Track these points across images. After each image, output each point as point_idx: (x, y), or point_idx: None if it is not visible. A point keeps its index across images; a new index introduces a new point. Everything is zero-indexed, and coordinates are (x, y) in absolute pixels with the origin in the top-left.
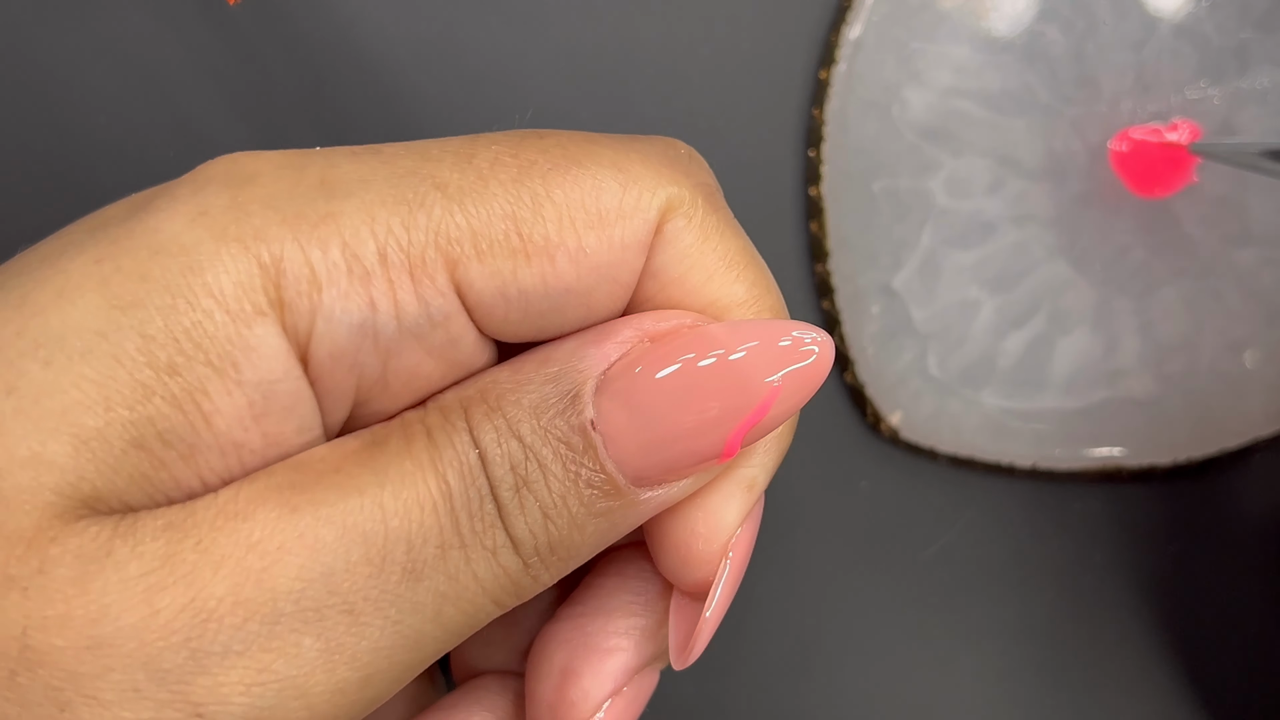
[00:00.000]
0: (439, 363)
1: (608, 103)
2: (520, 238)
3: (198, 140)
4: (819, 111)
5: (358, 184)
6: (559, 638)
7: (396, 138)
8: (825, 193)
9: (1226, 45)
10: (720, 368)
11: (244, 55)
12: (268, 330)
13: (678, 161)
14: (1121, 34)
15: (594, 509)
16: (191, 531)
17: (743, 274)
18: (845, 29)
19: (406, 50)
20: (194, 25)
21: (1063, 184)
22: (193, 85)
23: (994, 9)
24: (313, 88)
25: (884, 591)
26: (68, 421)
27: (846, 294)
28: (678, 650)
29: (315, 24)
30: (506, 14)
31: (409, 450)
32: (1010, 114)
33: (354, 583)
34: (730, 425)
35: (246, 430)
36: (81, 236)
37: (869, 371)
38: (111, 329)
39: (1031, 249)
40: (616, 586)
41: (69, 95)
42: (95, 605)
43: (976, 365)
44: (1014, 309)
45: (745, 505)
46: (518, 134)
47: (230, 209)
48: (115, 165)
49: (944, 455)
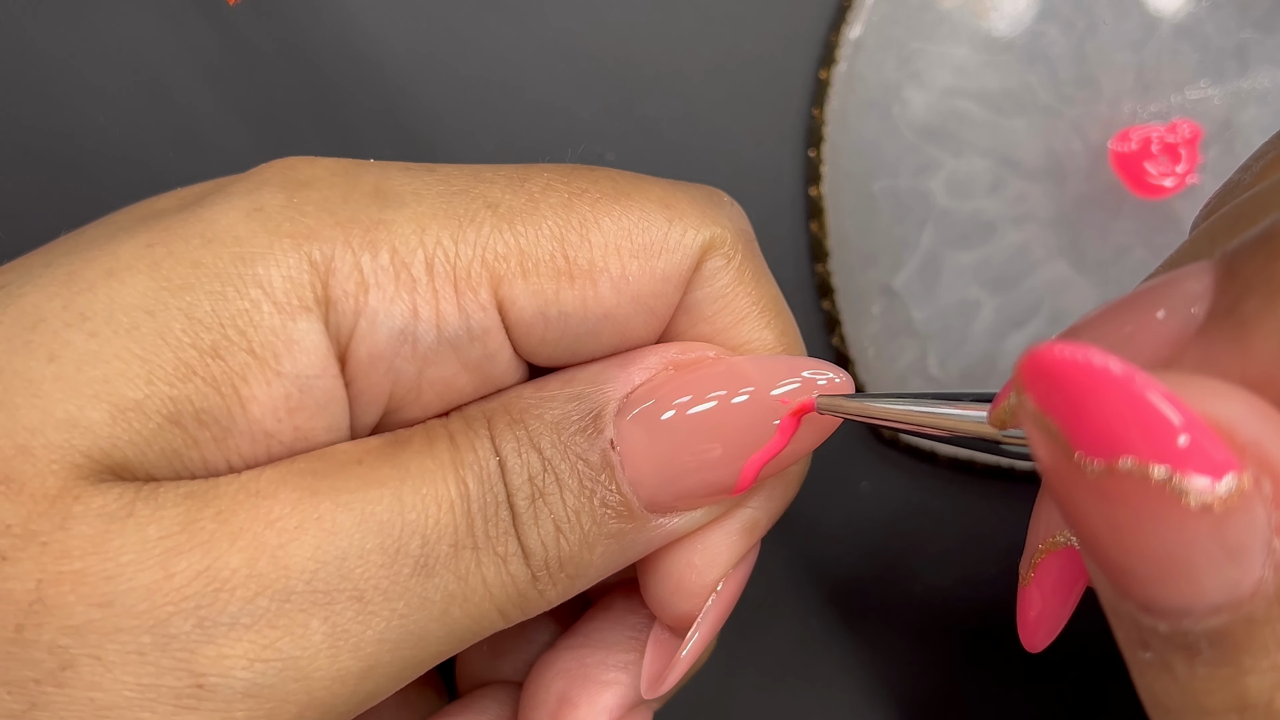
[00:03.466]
0: (472, 376)
1: (608, 102)
2: (566, 260)
3: (198, 140)
4: (819, 111)
5: (411, 196)
6: (557, 666)
7: (396, 137)
8: (825, 193)
9: (1226, 45)
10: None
11: (244, 55)
12: (311, 326)
13: (721, 206)
14: (1121, 34)
15: (606, 529)
16: (213, 501)
17: (773, 321)
18: (845, 29)
19: (406, 50)
20: (194, 25)
21: (1063, 184)
22: (193, 85)
23: (994, 9)
24: (313, 88)
25: (884, 591)
26: (108, 390)
27: (846, 294)
28: (650, 681)
29: (315, 24)
30: (506, 14)
31: (431, 450)
32: (1010, 114)
33: (366, 570)
34: (746, 458)
35: (279, 421)
36: (131, 223)
37: (869, 372)
38: (159, 308)
39: (1031, 249)
40: (617, 621)
41: (69, 95)
42: (112, 563)
43: (977, 365)
44: (1014, 309)
45: (743, 545)
46: (569, 166)
47: (286, 208)
48: (115, 165)
49: (944, 457)
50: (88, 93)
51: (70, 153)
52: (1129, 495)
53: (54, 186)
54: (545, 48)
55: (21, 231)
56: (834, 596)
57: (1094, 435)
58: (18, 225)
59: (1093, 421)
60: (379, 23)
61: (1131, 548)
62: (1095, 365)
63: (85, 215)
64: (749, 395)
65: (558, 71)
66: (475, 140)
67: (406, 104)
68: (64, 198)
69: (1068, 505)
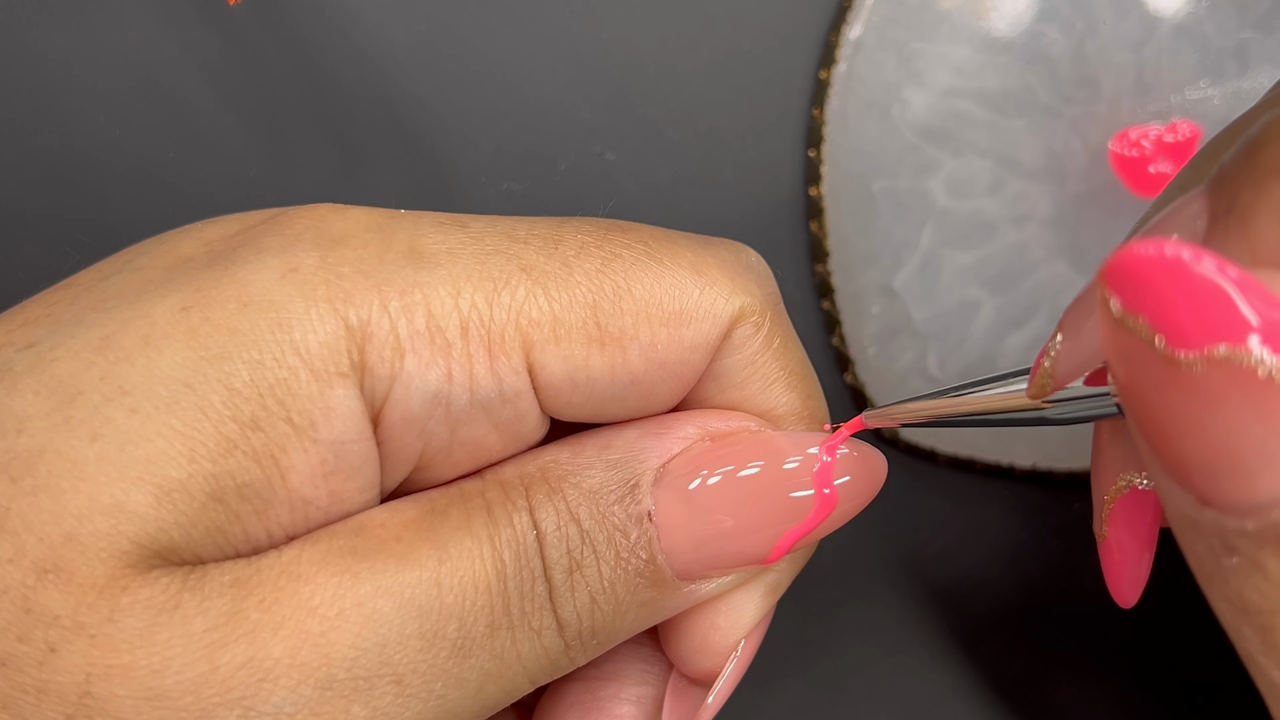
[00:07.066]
0: (501, 436)
1: (608, 102)
2: (598, 327)
3: (198, 140)
4: (819, 111)
5: (445, 256)
6: (570, 698)
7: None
8: (825, 193)
9: (1226, 45)
10: (778, 475)
11: (244, 55)
12: (348, 392)
13: (750, 270)
14: (1121, 34)
15: (638, 597)
16: (256, 589)
17: (799, 385)
18: (845, 29)
19: (406, 50)
20: (194, 25)
21: (1063, 184)
22: (193, 85)
23: (994, 9)
24: (313, 88)
25: (884, 591)
26: (152, 471)
27: (846, 294)
28: None
29: (315, 24)
30: (506, 14)
31: (469, 525)
32: (1010, 114)
33: (405, 655)
34: (780, 531)
35: (316, 488)
36: (159, 276)
37: (869, 372)
38: (199, 381)
39: (1031, 249)
40: (631, 654)
41: (69, 95)
42: (159, 657)
43: (977, 365)
44: (1014, 309)
45: (766, 606)
46: (603, 224)
47: (320, 269)
48: (115, 165)
49: (944, 456)
50: (88, 93)
51: (70, 153)
52: (1225, 384)
53: (54, 186)
54: (545, 48)
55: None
56: (833, 596)
57: (1186, 326)
58: (18, 225)
59: (1184, 312)
60: (379, 23)
61: (1228, 440)
62: (1184, 258)
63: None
64: (782, 467)
65: (558, 71)
66: (475, 140)
67: (406, 104)
68: (64, 197)
69: (1156, 411)
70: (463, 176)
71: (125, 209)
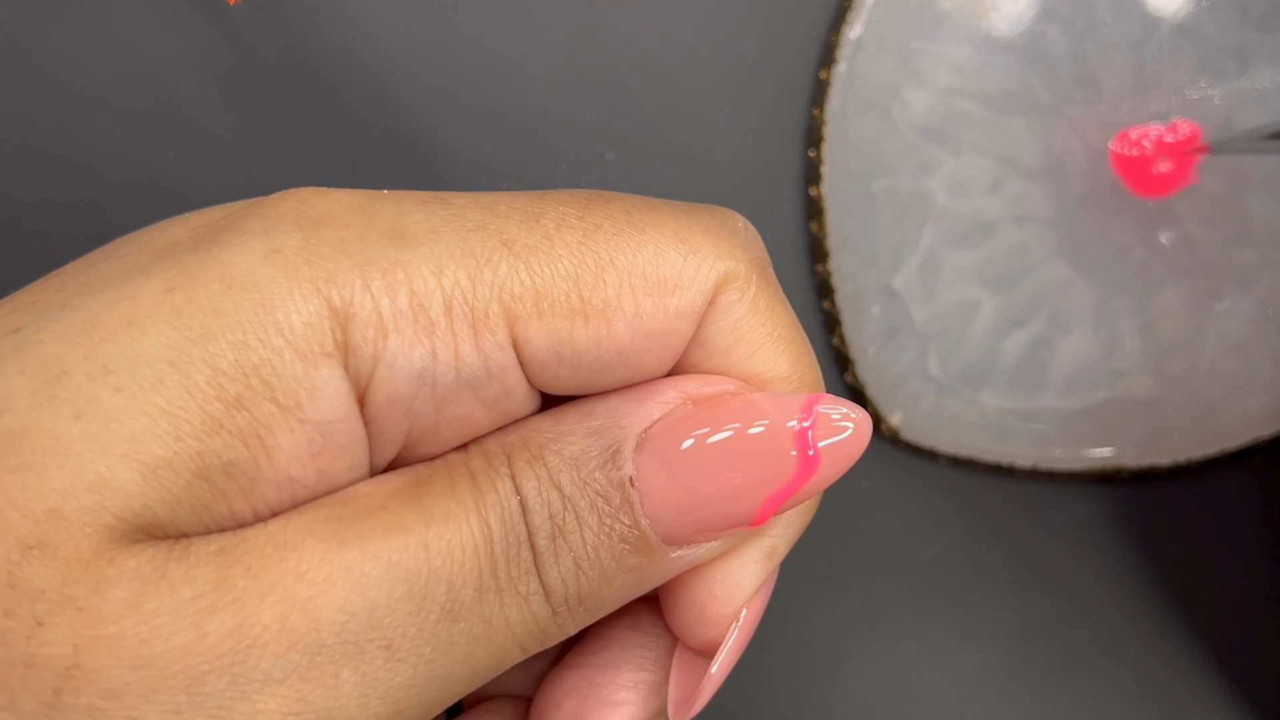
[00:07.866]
0: (489, 412)
1: (608, 103)
2: (581, 299)
3: (198, 140)
4: (819, 111)
5: (428, 234)
6: (567, 685)
7: (396, 137)
8: (825, 193)
9: (1226, 45)
10: (760, 437)
11: (244, 55)
12: (333, 372)
13: (735, 235)
14: (1121, 34)
15: (624, 563)
16: (242, 557)
17: (788, 349)
18: (845, 29)
19: (406, 50)
20: (194, 25)
21: (1063, 184)
22: (193, 85)
23: (994, 9)
24: (313, 88)
25: (884, 591)
26: (136, 449)
27: (846, 294)
28: (678, 705)
29: (315, 24)
30: (506, 14)
31: (453, 492)
32: (1010, 114)
33: (394, 619)
34: (764, 493)
35: (303, 467)
36: (145, 259)
37: (869, 371)
38: (183, 360)
39: (1031, 249)
40: (628, 640)
41: (69, 95)
42: (147, 626)
43: (977, 365)
44: (1014, 309)
45: (763, 572)
46: (584, 195)
47: (303, 250)
48: (115, 165)
49: (944, 455)
50: (88, 93)
51: (70, 153)
52: None
53: (54, 186)
54: (545, 48)
55: (23, 232)
56: (833, 595)
57: None
58: (18, 225)
59: None
60: (379, 23)
61: None
62: None
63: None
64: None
65: (558, 71)
66: (475, 140)
67: (406, 104)
68: (64, 197)
69: None
70: (463, 176)
71: (125, 209)
